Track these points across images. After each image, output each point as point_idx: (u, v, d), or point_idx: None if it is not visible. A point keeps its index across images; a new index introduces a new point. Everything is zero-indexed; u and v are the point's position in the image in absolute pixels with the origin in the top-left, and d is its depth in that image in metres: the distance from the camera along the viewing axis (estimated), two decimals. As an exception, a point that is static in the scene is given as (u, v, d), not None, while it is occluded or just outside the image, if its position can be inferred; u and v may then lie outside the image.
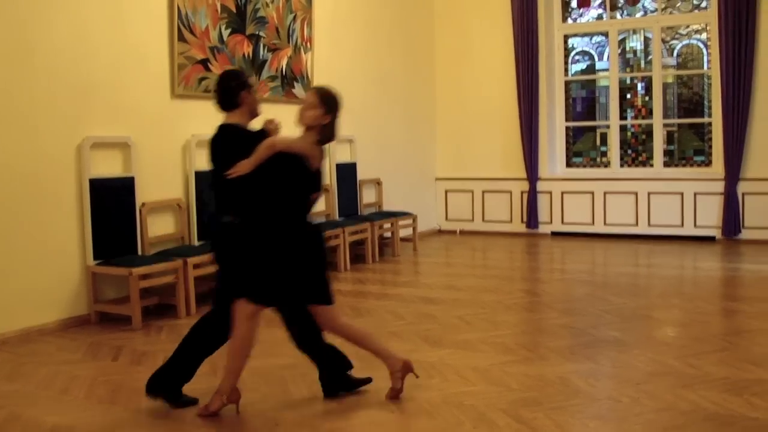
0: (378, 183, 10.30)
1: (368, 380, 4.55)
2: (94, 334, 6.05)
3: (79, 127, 6.36)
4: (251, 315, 4.13)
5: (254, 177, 4.10)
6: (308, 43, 8.94)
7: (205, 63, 7.45)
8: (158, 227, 7.03)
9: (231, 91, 4.40)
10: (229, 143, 4.28)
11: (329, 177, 9.30)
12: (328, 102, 4.23)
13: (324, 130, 4.22)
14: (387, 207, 10.37)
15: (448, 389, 4.54)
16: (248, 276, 4.14)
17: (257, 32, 8.13)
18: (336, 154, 9.37)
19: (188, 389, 4.39)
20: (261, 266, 4.14)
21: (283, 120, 7.72)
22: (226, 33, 7.69)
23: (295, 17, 8.70)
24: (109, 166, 6.62)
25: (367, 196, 10.11)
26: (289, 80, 8.64)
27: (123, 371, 5.08)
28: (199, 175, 7.29)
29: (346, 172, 9.55)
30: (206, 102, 7.47)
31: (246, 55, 7.98)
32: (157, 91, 7.08)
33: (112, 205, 6.51)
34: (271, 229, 4.16)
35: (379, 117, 10.47)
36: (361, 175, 9.85)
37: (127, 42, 6.77)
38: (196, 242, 7.24)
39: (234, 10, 7.79)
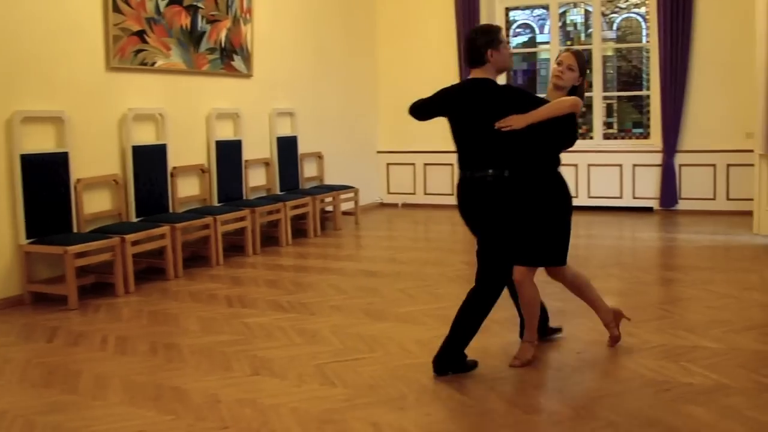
0: (319, 157, 10.22)
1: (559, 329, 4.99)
2: (27, 315, 5.89)
3: (9, 100, 6.14)
4: (529, 277, 4.46)
5: (528, 131, 4.25)
6: (248, 15, 8.79)
7: (141, 35, 7.26)
8: (94, 204, 6.86)
9: (478, 49, 4.33)
10: (496, 98, 4.31)
11: (269, 151, 9.20)
12: (582, 65, 4.51)
13: (576, 91, 4.49)
14: (328, 181, 10.31)
15: (391, 362, 4.54)
16: (516, 241, 4.39)
17: (195, 3, 7.95)
18: (276, 127, 9.27)
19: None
20: (528, 227, 4.41)
21: (220, 95, 7.52)
22: (162, 4, 7.50)
23: (233, -12, 8.55)
24: (41, 142, 6.41)
25: (309, 170, 10.04)
26: (228, 53, 8.48)
27: (58, 353, 4.95)
28: (138, 150, 7.14)
29: (287, 146, 9.45)
30: (143, 75, 7.38)
31: (184, 27, 7.81)
32: (92, 63, 6.88)
33: (45, 181, 6.32)
34: (537, 182, 4.43)
35: (320, 90, 10.37)
36: (302, 148, 9.76)
37: (60, 12, 6.55)
38: (134, 218, 7.10)
39: (170, -20, 7.61)
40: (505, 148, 4.30)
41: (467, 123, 4.35)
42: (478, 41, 4.32)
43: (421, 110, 4.53)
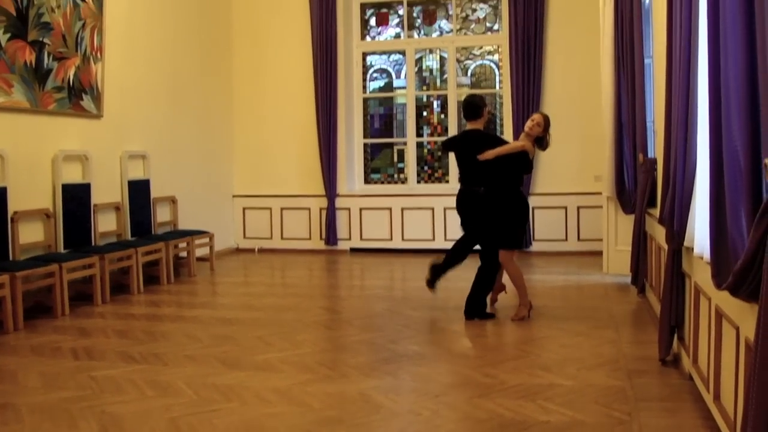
0: (173, 201, 9.93)
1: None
2: None
3: None
4: (512, 257, 6.71)
5: (497, 161, 6.57)
6: (98, 53, 8.48)
7: (-22, 71, 6.86)
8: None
9: (480, 109, 6.73)
10: (481, 141, 6.68)
11: (120, 195, 8.85)
12: (548, 124, 6.71)
13: (541, 141, 6.74)
14: (182, 225, 10.04)
15: (248, 413, 4.38)
16: (502, 233, 6.62)
17: (41, 39, 7.59)
18: (128, 170, 8.94)
19: None
20: (507, 223, 6.60)
21: (68, 136, 7.21)
22: (4, 38, 7.11)
23: (84, 24, 8.22)
24: None
25: (162, 214, 9.73)
26: (77, 92, 8.13)
27: None
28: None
29: (139, 189, 9.12)
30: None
31: (28, 63, 7.42)
32: None
33: None
34: (504, 195, 6.66)
35: (174, 132, 10.12)
36: (155, 192, 9.45)
37: None
38: (-31, 266, 6.62)
39: (14, 13, 7.20)
40: (485, 172, 6.60)
41: (468, 156, 6.66)
42: (479, 103, 6.75)
43: (445, 146, 7.35)
